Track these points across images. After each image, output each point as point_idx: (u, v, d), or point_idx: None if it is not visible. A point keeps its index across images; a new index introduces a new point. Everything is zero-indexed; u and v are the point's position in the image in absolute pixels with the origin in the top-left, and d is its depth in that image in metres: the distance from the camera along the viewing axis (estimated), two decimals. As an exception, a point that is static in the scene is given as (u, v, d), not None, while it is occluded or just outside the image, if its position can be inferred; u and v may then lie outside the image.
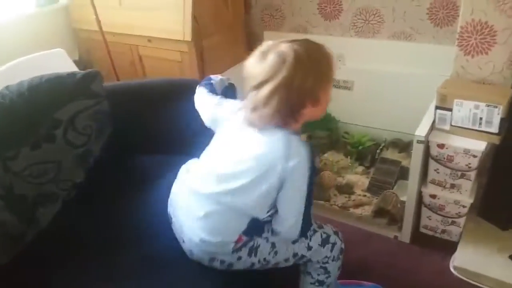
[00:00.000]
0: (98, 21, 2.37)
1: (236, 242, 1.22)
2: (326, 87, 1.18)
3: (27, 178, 1.37)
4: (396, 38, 2.33)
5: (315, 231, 1.35)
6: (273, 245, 1.27)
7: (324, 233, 1.36)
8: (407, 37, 2.30)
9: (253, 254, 1.25)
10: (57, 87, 1.50)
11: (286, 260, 1.32)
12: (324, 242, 1.36)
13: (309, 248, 1.33)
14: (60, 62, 2.30)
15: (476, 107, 1.63)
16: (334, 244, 1.38)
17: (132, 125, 1.72)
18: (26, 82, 1.49)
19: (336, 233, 1.40)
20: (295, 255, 1.32)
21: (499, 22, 1.58)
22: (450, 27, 2.12)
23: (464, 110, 1.66)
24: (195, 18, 2.26)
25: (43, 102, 1.46)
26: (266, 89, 1.13)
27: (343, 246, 1.42)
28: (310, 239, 1.33)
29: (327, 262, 1.39)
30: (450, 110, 1.69)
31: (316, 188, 2.18)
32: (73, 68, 2.35)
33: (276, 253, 1.28)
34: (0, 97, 1.42)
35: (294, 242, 1.31)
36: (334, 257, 1.39)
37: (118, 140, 1.68)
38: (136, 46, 2.54)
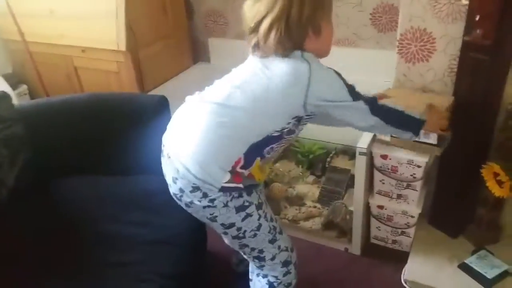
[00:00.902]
0: (20, 31, 2.22)
1: (233, 175, 1.15)
2: (326, 16, 1.17)
3: None
4: (340, 44, 2.27)
5: (287, 250, 1.36)
6: (259, 226, 1.26)
7: (291, 257, 1.38)
8: (351, 43, 2.24)
9: (241, 214, 1.21)
10: None
11: (253, 249, 1.31)
12: (285, 264, 1.37)
13: (273, 258, 1.33)
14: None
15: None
16: (288, 272, 1.38)
17: (54, 148, 1.59)
18: None
19: (295, 265, 1.41)
20: (260, 251, 1.31)
21: (437, 29, 1.54)
22: (394, 32, 2.08)
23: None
24: (130, 27, 2.13)
25: None
26: (264, 25, 1.11)
27: (294, 281, 1.43)
28: (280, 252, 1.34)
29: (271, 283, 1.38)
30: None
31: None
32: (1, 83, 2.20)
33: (255, 235, 1.26)
34: None
35: (271, 241, 1.30)
36: (281, 282, 1.39)
37: (38, 165, 1.55)
38: (70, 57, 2.38)
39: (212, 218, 1.21)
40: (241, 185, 1.17)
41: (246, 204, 1.21)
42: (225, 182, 1.14)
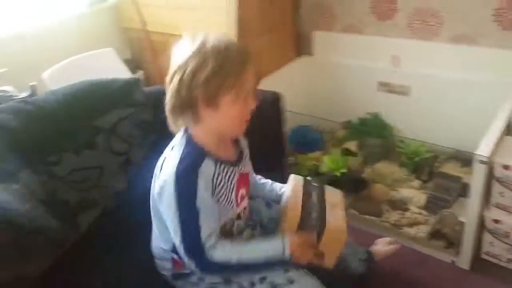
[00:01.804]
0: (142, 20, 2.31)
1: (173, 264, 1.18)
2: (230, 93, 1.01)
3: (70, 184, 1.34)
4: (457, 42, 2.12)
5: None
6: None
7: None
8: (469, 41, 2.08)
9: None
10: (97, 95, 1.48)
11: None
12: None
13: None
14: (110, 62, 2.30)
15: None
16: None
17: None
18: (69, 88, 1.48)
19: None
20: None
21: None
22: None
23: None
24: (239, 19, 2.15)
25: (84, 109, 1.44)
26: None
27: None
28: None
29: None
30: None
31: (367, 202, 2.06)
32: (123, 68, 2.34)
33: None
34: (43, 101, 1.40)
35: None
36: None
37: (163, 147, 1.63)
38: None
39: None
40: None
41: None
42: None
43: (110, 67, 2.26)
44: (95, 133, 1.43)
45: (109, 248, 1.28)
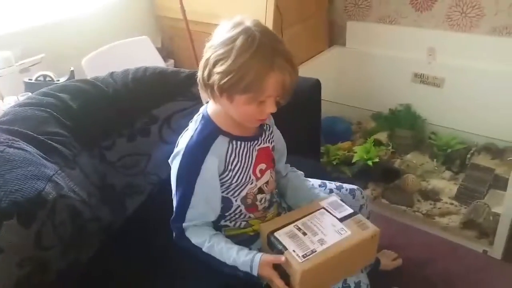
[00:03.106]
0: (183, 10, 2.33)
1: None
2: (243, 95, 0.97)
3: (119, 169, 1.36)
4: (496, 34, 2.12)
5: None
6: None
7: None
8: (510, 33, 2.08)
9: None
10: (159, 85, 1.49)
11: None
12: None
13: None
14: (145, 50, 2.32)
15: None
16: None
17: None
18: (131, 73, 1.49)
19: None
20: None
21: None
22: None
23: None
24: (277, 7, 2.18)
25: (144, 98, 1.44)
26: None
27: None
28: None
29: None
30: None
31: (398, 192, 2.09)
32: (157, 56, 2.36)
33: None
34: (104, 85, 1.41)
35: None
36: None
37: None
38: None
39: None
40: None
41: None
42: None
43: (145, 55, 2.28)
44: (152, 122, 1.44)
45: (152, 231, 1.27)
